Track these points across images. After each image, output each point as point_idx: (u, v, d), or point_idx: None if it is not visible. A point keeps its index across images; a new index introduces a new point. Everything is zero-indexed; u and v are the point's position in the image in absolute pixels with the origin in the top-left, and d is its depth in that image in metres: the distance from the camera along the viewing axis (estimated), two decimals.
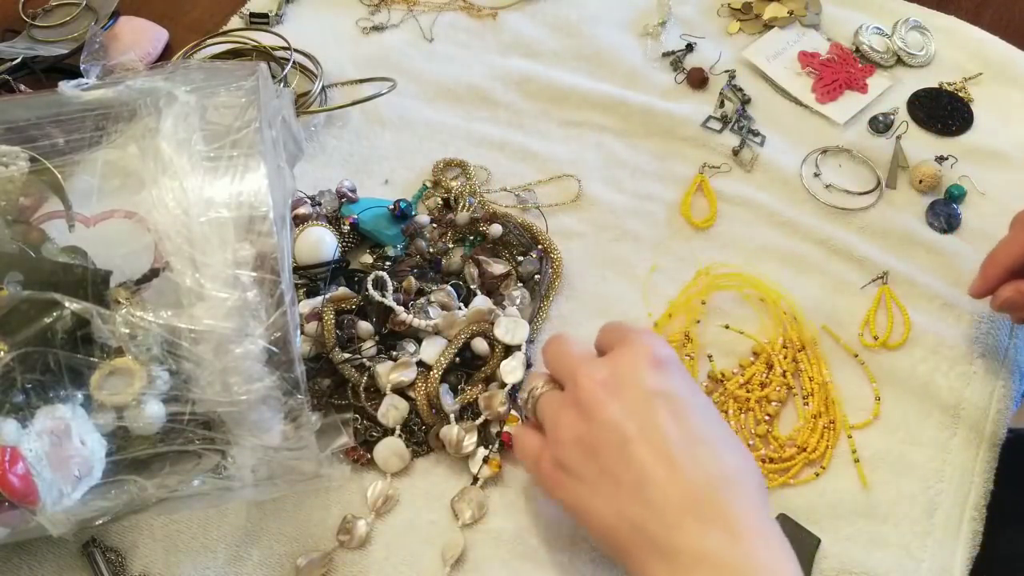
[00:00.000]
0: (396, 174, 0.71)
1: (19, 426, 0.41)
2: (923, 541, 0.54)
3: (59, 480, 0.42)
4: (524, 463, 0.52)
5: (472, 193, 0.68)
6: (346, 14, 0.82)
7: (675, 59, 0.77)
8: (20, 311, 0.43)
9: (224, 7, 0.83)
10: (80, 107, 0.49)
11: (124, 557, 0.53)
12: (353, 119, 0.74)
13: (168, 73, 0.50)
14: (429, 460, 0.57)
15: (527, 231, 0.65)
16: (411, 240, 0.63)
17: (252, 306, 0.43)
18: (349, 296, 0.59)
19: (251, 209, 0.44)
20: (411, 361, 0.57)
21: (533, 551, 0.54)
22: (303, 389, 0.44)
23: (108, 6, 0.80)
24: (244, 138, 0.45)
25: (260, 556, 0.53)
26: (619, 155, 0.72)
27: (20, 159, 0.47)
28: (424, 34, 0.80)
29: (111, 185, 0.49)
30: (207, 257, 0.42)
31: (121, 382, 0.43)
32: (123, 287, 0.45)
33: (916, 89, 0.75)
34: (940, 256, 0.65)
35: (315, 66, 0.76)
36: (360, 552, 0.54)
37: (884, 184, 0.69)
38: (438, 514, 0.55)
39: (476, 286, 0.62)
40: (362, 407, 0.57)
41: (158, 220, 0.43)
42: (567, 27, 0.80)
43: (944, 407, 0.58)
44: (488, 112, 0.75)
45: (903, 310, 0.62)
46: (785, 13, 0.80)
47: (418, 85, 0.76)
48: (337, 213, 0.65)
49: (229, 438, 0.44)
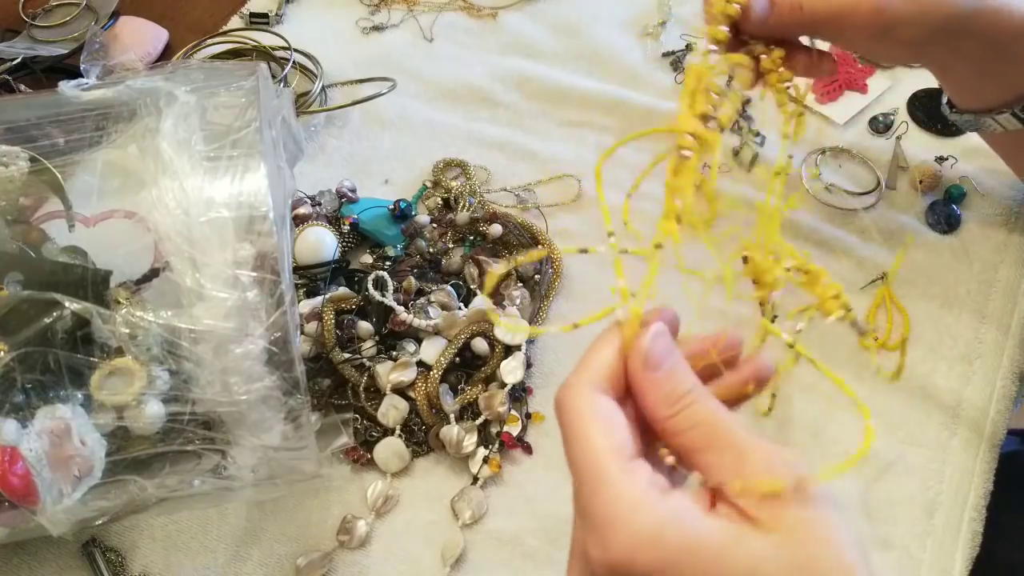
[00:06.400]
0: (396, 174, 0.71)
1: (19, 426, 0.41)
2: (923, 541, 0.54)
3: (59, 480, 0.42)
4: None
5: (472, 193, 0.68)
6: (346, 14, 0.82)
7: (675, 59, 0.77)
8: (20, 311, 0.43)
9: (224, 7, 0.83)
10: (80, 107, 0.49)
11: (124, 557, 0.53)
12: (353, 119, 0.74)
13: (168, 73, 0.50)
14: (429, 460, 0.57)
15: (527, 231, 0.65)
16: (411, 240, 0.63)
17: (252, 306, 0.43)
18: (349, 296, 0.59)
19: (251, 209, 0.44)
20: (411, 361, 0.57)
21: (533, 551, 0.54)
22: (303, 389, 0.44)
23: (108, 6, 0.80)
24: (244, 138, 0.45)
25: (260, 556, 0.53)
26: (619, 155, 0.72)
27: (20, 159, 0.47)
28: (424, 34, 0.80)
29: (111, 185, 0.49)
30: (207, 257, 0.42)
31: (121, 382, 0.43)
32: (123, 287, 0.45)
33: (916, 89, 0.75)
34: (940, 256, 0.65)
35: (315, 66, 0.76)
36: (360, 552, 0.54)
37: (884, 184, 0.69)
38: (438, 514, 0.55)
39: (476, 286, 0.62)
40: (362, 407, 0.57)
41: (158, 220, 0.43)
42: (567, 27, 0.80)
43: (944, 408, 0.58)
44: (488, 112, 0.75)
45: (903, 310, 0.62)
46: None
47: (418, 85, 0.76)
48: (337, 213, 0.65)
49: (229, 438, 0.44)
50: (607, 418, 0.35)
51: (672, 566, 0.32)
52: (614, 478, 0.33)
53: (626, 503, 0.33)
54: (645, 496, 0.33)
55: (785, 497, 0.32)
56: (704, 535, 0.33)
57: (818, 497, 0.33)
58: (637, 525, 0.32)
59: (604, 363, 0.36)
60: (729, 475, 0.33)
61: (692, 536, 0.32)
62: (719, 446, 0.34)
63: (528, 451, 0.57)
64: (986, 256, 0.64)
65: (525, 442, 0.57)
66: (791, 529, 0.32)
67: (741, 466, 0.33)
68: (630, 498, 0.33)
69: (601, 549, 0.33)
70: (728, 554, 0.32)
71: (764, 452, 0.33)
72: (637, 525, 0.32)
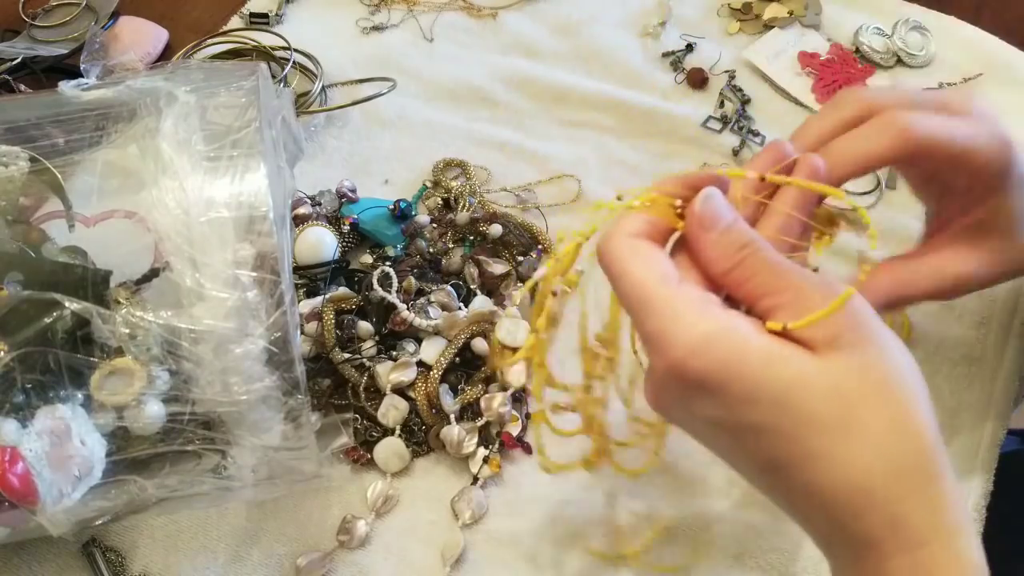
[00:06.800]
0: (396, 174, 0.71)
1: (19, 426, 0.41)
2: None
3: (59, 480, 0.42)
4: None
5: (472, 193, 0.68)
6: (346, 14, 0.82)
7: (675, 59, 0.77)
8: (20, 311, 0.43)
9: (224, 7, 0.83)
10: (80, 107, 0.49)
11: (124, 557, 0.53)
12: (353, 119, 0.74)
13: (168, 73, 0.50)
14: (429, 460, 0.57)
15: (527, 231, 0.65)
16: (411, 240, 0.63)
17: (252, 306, 0.43)
18: (349, 296, 0.59)
19: (251, 209, 0.44)
20: (411, 361, 0.57)
21: (533, 551, 0.54)
22: (303, 389, 0.44)
23: (108, 6, 0.80)
24: (244, 138, 0.45)
25: (260, 556, 0.53)
26: (619, 155, 0.72)
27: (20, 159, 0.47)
28: (424, 34, 0.80)
29: (111, 185, 0.49)
30: (207, 257, 0.43)
31: (121, 382, 0.43)
32: (123, 287, 0.45)
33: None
34: None
35: (315, 66, 0.76)
36: (360, 552, 0.54)
37: (884, 184, 0.69)
38: (438, 514, 0.55)
39: (476, 286, 0.62)
40: (362, 407, 0.57)
41: (158, 220, 0.43)
42: (567, 27, 0.80)
43: (944, 408, 0.58)
44: (488, 112, 0.75)
45: (903, 311, 0.62)
46: (785, 13, 0.80)
47: (418, 85, 0.76)
48: (337, 213, 0.65)
49: (229, 438, 0.44)
50: (646, 255, 0.37)
51: (720, 372, 0.34)
52: (660, 299, 0.36)
53: (672, 317, 0.35)
54: (694, 308, 0.35)
55: (840, 327, 0.34)
56: (753, 347, 0.34)
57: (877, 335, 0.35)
58: (685, 335, 0.35)
59: (640, 218, 0.39)
60: (791, 315, 0.35)
61: (741, 347, 0.34)
62: (779, 288, 0.36)
63: (528, 451, 0.57)
64: None
65: (525, 442, 0.57)
66: (841, 357, 0.34)
67: (802, 303, 0.35)
68: (677, 311, 0.35)
69: (657, 358, 0.36)
70: (772, 368, 0.34)
71: (823, 287, 0.35)
72: (685, 335, 0.35)
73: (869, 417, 0.34)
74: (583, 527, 0.54)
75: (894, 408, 0.34)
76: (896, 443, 0.34)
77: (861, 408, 0.34)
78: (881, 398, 0.34)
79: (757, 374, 0.34)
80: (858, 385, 0.34)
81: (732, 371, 0.34)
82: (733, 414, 0.35)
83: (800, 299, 0.35)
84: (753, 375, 0.34)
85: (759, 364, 0.34)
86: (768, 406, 0.34)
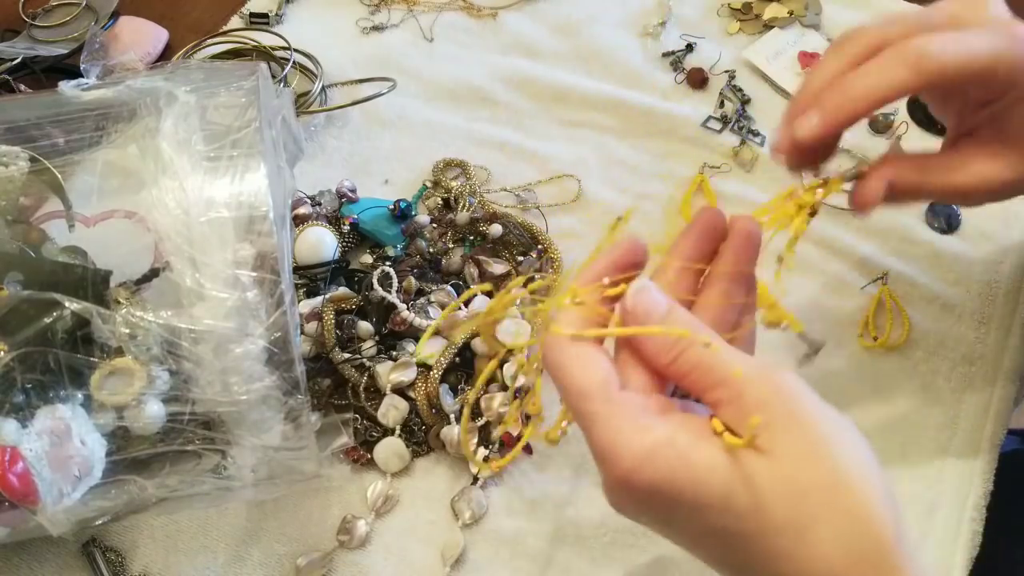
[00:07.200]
0: (396, 174, 0.71)
1: (19, 426, 0.41)
2: (923, 541, 0.54)
3: (59, 480, 0.42)
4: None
5: (472, 193, 0.68)
6: (346, 14, 0.82)
7: (675, 59, 0.77)
8: (20, 311, 0.43)
9: (224, 7, 0.83)
10: (80, 107, 0.49)
11: (124, 557, 0.53)
12: (353, 119, 0.74)
13: (168, 73, 0.50)
14: (429, 460, 0.57)
15: (527, 231, 0.65)
16: (411, 240, 0.63)
17: (252, 306, 0.43)
18: (349, 296, 0.59)
19: (251, 209, 0.44)
20: (411, 361, 0.57)
21: (533, 551, 0.54)
22: (303, 389, 0.44)
23: (108, 6, 0.80)
24: (244, 138, 0.45)
25: (260, 556, 0.53)
26: (619, 155, 0.72)
27: (20, 159, 0.47)
28: (424, 34, 0.80)
29: (111, 185, 0.49)
30: (207, 257, 0.43)
31: (121, 382, 0.43)
32: (123, 287, 0.45)
33: None
34: (940, 256, 0.65)
35: (315, 66, 0.76)
36: (360, 552, 0.54)
37: None
38: (438, 514, 0.55)
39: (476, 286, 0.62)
40: (362, 407, 0.57)
41: (158, 220, 0.43)
42: (567, 27, 0.80)
43: (944, 408, 0.58)
44: (488, 112, 0.75)
45: (903, 311, 0.62)
46: (785, 13, 0.80)
47: (418, 85, 0.76)
48: (337, 213, 0.65)
49: (229, 438, 0.44)
50: (586, 361, 0.36)
51: (667, 483, 0.34)
52: (602, 413, 0.35)
53: (616, 430, 0.35)
54: (634, 421, 0.35)
55: (778, 424, 0.34)
56: (695, 458, 0.34)
57: (818, 419, 0.34)
58: (627, 450, 0.34)
59: (576, 314, 0.38)
60: (732, 412, 0.34)
61: (683, 457, 0.34)
62: (715, 383, 0.35)
63: (528, 451, 0.57)
64: (987, 256, 0.64)
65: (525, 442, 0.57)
66: (787, 452, 0.33)
67: (739, 400, 0.34)
68: (620, 426, 0.35)
69: (606, 471, 0.35)
70: (717, 474, 0.34)
71: (760, 380, 0.34)
72: (627, 450, 0.34)
73: (825, 514, 0.33)
74: (583, 527, 0.54)
75: (850, 501, 0.33)
76: (856, 539, 0.33)
77: (816, 506, 0.33)
78: (836, 492, 0.33)
79: (704, 482, 0.33)
80: (810, 480, 0.33)
81: (680, 482, 0.34)
82: (691, 521, 0.35)
83: (737, 396, 0.34)
84: (701, 483, 0.33)
85: (704, 472, 0.33)
86: (720, 513, 0.34)
